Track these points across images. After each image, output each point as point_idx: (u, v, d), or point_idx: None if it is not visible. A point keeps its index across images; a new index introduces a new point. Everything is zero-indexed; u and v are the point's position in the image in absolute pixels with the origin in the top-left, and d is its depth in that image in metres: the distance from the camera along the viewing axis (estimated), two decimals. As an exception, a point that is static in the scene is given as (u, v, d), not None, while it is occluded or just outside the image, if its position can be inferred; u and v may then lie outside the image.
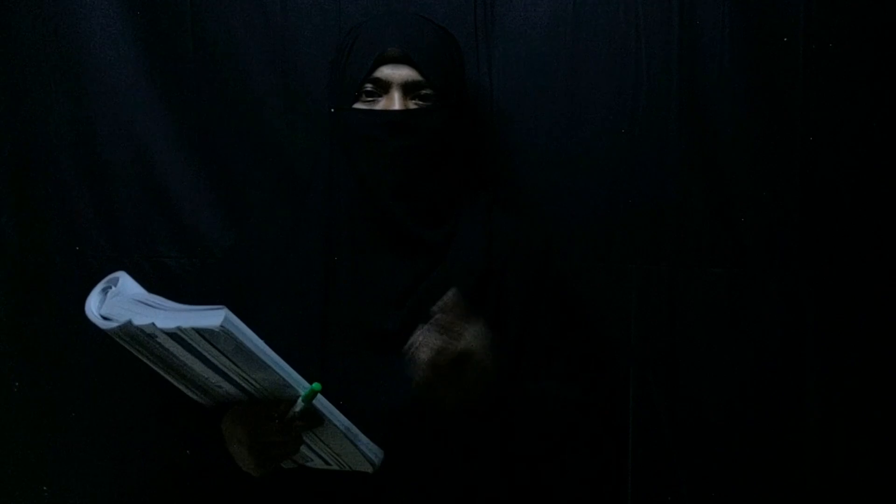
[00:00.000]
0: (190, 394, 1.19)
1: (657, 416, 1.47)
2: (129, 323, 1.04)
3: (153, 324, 1.03)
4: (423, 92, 1.27)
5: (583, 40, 1.47)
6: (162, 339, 1.06)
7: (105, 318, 1.08)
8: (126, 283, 1.14)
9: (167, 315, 1.05)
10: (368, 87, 1.27)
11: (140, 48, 1.52)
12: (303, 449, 1.18)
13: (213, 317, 1.02)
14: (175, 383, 1.17)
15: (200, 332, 1.03)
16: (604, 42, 1.46)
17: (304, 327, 1.26)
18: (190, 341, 1.05)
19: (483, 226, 1.32)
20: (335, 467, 1.22)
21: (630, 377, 1.46)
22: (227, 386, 1.14)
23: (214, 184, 1.54)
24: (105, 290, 1.12)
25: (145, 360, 1.13)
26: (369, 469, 1.18)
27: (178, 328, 1.03)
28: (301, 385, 1.11)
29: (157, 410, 1.43)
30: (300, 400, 1.11)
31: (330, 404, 1.13)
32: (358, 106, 1.28)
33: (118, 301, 1.11)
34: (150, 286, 1.51)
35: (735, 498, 1.47)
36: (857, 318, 1.42)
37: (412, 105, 1.27)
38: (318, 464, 1.23)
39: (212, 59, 1.52)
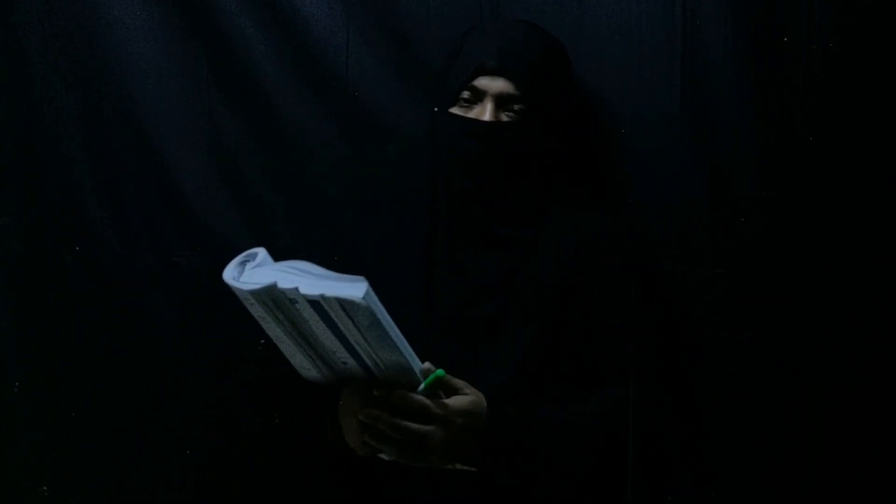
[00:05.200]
0: (311, 368, 1.21)
1: (657, 416, 1.47)
2: (274, 285, 1.07)
3: (297, 288, 1.06)
4: (517, 106, 1.32)
5: (585, 40, 1.47)
6: (301, 305, 1.09)
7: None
8: (266, 258, 1.17)
9: (311, 282, 1.08)
10: (466, 94, 1.33)
11: (149, 45, 1.53)
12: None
13: (355, 288, 1.05)
14: (299, 355, 1.19)
15: (341, 302, 1.06)
16: (605, 42, 1.46)
17: (407, 317, 1.27)
18: (329, 311, 1.09)
19: (574, 223, 1.37)
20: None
21: (630, 377, 1.46)
22: (351, 362, 1.16)
23: (224, 181, 1.55)
24: (243, 264, 1.16)
25: (276, 329, 1.16)
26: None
27: (322, 296, 1.06)
28: (420, 371, 1.15)
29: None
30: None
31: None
32: (454, 110, 1.34)
33: (261, 270, 1.14)
34: (160, 284, 1.53)
35: (735, 498, 1.47)
36: (858, 319, 1.42)
37: (504, 117, 1.32)
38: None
39: (222, 56, 1.53)
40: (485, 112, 1.32)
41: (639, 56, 1.45)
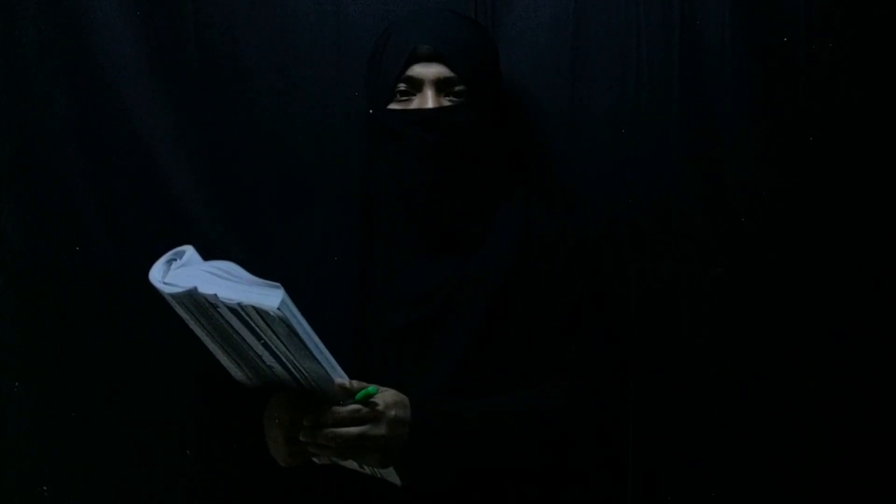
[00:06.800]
0: (237, 370, 1.19)
1: (657, 415, 1.47)
2: (195, 290, 1.06)
3: (216, 295, 1.05)
4: (456, 88, 1.29)
5: (583, 40, 1.47)
6: (223, 310, 1.07)
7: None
8: (193, 257, 1.16)
9: (230, 288, 1.06)
10: (402, 86, 1.29)
11: (142, 48, 1.52)
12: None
13: (271, 297, 1.03)
14: (225, 358, 1.18)
15: (258, 310, 1.04)
16: (604, 42, 1.46)
17: (342, 324, 1.28)
18: (248, 318, 1.07)
19: (520, 218, 1.34)
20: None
21: (630, 377, 1.46)
22: (278, 368, 1.14)
23: (216, 183, 1.54)
24: (170, 262, 1.14)
25: (201, 331, 1.14)
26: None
27: (239, 304, 1.04)
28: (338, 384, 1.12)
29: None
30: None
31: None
32: (393, 106, 1.30)
33: (185, 271, 1.12)
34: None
35: (735, 498, 1.47)
36: (857, 318, 1.42)
37: (446, 102, 1.29)
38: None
39: (213, 59, 1.53)
40: (427, 100, 1.28)
41: (637, 57, 1.45)
